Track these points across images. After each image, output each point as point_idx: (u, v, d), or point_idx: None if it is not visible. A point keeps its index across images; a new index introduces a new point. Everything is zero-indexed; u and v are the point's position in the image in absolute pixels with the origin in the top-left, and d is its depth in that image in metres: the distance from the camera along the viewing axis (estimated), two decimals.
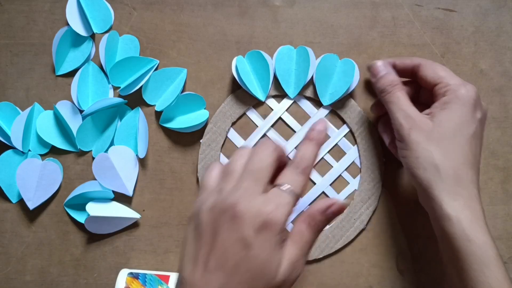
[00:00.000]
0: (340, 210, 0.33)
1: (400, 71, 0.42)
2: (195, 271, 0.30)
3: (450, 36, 0.46)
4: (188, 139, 0.46)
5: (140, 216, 0.45)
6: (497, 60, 0.46)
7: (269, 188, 0.32)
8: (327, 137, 0.37)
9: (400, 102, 0.39)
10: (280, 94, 0.45)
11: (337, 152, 0.46)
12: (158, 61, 0.45)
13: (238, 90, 0.45)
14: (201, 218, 0.32)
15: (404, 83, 0.42)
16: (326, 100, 0.44)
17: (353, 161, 0.45)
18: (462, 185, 0.36)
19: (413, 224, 0.45)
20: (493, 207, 0.45)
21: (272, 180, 0.33)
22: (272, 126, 0.46)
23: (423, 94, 0.42)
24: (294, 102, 0.45)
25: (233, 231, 0.30)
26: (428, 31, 0.46)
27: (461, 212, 0.35)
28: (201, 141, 0.45)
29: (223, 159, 0.45)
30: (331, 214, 0.33)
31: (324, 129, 0.36)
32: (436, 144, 0.37)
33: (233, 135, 0.45)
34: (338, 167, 0.45)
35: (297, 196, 0.32)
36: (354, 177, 0.45)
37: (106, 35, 0.45)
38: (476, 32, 0.46)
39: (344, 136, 0.45)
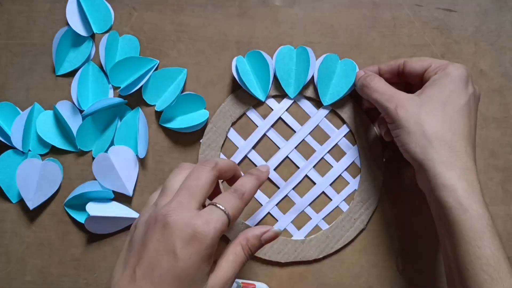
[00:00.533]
0: (274, 237, 0.35)
1: (387, 74, 0.42)
2: (123, 280, 0.31)
3: (450, 36, 0.46)
4: (188, 139, 0.46)
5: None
6: (497, 60, 0.46)
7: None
8: (266, 178, 0.39)
9: (380, 87, 0.39)
10: (280, 94, 0.45)
11: (337, 152, 0.46)
12: (158, 61, 0.45)
13: (238, 90, 0.45)
14: (136, 230, 0.33)
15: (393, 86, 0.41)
16: (326, 100, 0.44)
17: (353, 161, 0.45)
18: (456, 155, 0.35)
19: (413, 224, 0.45)
20: (493, 207, 0.45)
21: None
22: (272, 126, 0.46)
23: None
24: (294, 102, 0.45)
25: (163, 241, 0.31)
26: (428, 31, 0.46)
27: (456, 182, 0.34)
28: (201, 141, 0.45)
29: None
30: (265, 240, 0.35)
31: (267, 171, 0.39)
32: (426, 117, 0.36)
33: (233, 135, 0.46)
34: (338, 167, 0.45)
35: (230, 218, 0.33)
36: (354, 177, 0.45)
37: (106, 35, 0.45)
38: (476, 32, 0.46)
39: (344, 136, 0.45)
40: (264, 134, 0.46)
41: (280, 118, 0.45)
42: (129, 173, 0.45)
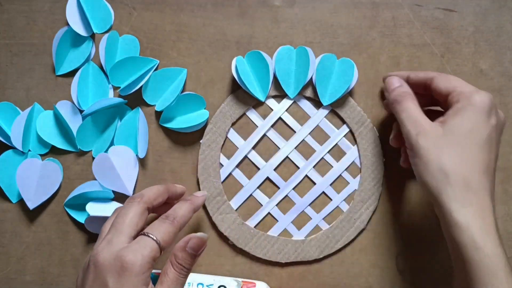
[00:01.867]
0: (199, 243, 0.35)
1: (414, 85, 0.41)
2: None
3: (450, 36, 0.46)
4: (188, 139, 0.46)
5: None
6: (497, 60, 0.46)
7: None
8: (202, 203, 0.40)
9: (409, 110, 0.38)
10: (280, 94, 0.45)
11: (337, 152, 0.46)
12: (158, 61, 0.45)
13: (238, 90, 0.45)
14: (77, 279, 0.35)
15: (419, 97, 0.40)
16: (326, 100, 0.44)
17: (353, 161, 0.45)
18: (472, 192, 0.35)
19: (413, 224, 0.45)
20: None
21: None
22: (272, 126, 0.46)
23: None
24: (294, 102, 0.45)
25: (96, 279, 0.32)
26: (428, 31, 0.46)
27: (471, 219, 0.34)
28: (201, 141, 0.45)
29: (223, 160, 0.45)
30: (191, 249, 0.34)
31: (203, 196, 0.41)
32: (446, 150, 0.35)
33: (233, 135, 0.46)
34: (338, 167, 0.45)
35: (160, 243, 0.34)
36: (354, 177, 0.45)
37: (106, 35, 0.45)
38: (476, 32, 0.46)
39: (344, 136, 0.45)
40: (264, 134, 0.46)
41: (280, 118, 0.45)
42: (129, 173, 0.45)
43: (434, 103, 0.42)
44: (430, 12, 0.46)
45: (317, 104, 0.45)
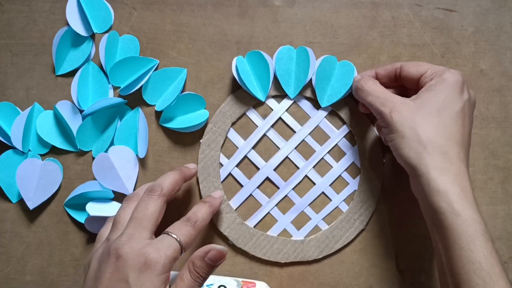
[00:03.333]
0: (218, 256, 0.34)
1: (384, 78, 0.42)
2: None
3: (450, 36, 0.46)
4: (188, 139, 0.46)
5: None
6: (497, 60, 0.46)
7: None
8: (219, 205, 0.41)
9: (374, 90, 0.39)
10: (280, 94, 0.45)
11: (337, 152, 0.46)
12: (158, 61, 0.45)
13: (238, 90, 0.45)
14: (90, 267, 0.34)
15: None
16: (324, 102, 0.44)
17: (353, 162, 0.45)
18: (449, 160, 0.35)
19: (413, 224, 0.45)
20: (493, 207, 0.45)
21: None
22: (272, 126, 0.46)
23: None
24: (294, 102, 0.45)
25: (116, 273, 0.32)
26: (428, 31, 0.46)
27: (449, 186, 0.34)
28: (201, 141, 0.45)
29: (223, 159, 0.45)
30: (210, 260, 0.34)
31: (220, 197, 0.41)
32: (421, 122, 0.36)
33: (233, 135, 0.46)
34: (338, 168, 0.45)
35: (182, 245, 0.34)
36: (354, 177, 0.45)
37: (106, 35, 0.45)
38: (476, 32, 0.46)
39: (344, 136, 0.45)
40: (264, 134, 0.46)
41: (280, 118, 0.45)
42: (129, 173, 0.45)
43: (404, 95, 0.42)
44: (430, 12, 0.46)
45: (317, 104, 0.45)
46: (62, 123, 0.45)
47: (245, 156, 0.45)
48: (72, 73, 0.46)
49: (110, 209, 0.44)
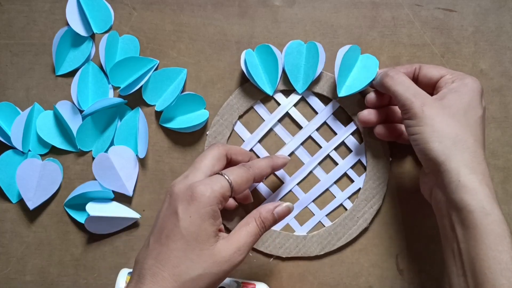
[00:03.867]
0: (286, 212, 0.37)
1: None
2: (141, 252, 0.35)
3: (450, 36, 0.46)
4: (188, 139, 0.46)
5: (140, 216, 0.45)
6: (497, 60, 0.46)
7: None
8: (281, 165, 0.42)
9: (406, 82, 0.39)
10: (288, 89, 0.45)
11: (343, 149, 0.46)
12: (158, 61, 0.45)
13: (246, 84, 0.45)
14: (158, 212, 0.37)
15: None
16: (341, 91, 0.43)
17: (359, 159, 0.45)
18: (477, 160, 0.35)
19: (415, 224, 0.45)
20: None
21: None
22: (279, 121, 0.45)
23: None
24: (302, 97, 0.45)
25: (169, 207, 0.35)
26: (428, 31, 0.46)
27: (478, 185, 0.34)
28: (207, 133, 0.45)
29: None
30: (278, 214, 0.37)
31: (284, 158, 0.42)
32: (450, 120, 0.36)
33: (240, 128, 0.45)
34: (343, 165, 0.45)
35: (232, 184, 0.36)
36: (359, 175, 0.45)
37: (106, 35, 0.45)
38: (476, 32, 0.46)
39: (351, 133, 0.45)
40: (271, 129, 0.45)
41: (287, 113, 0.45)
42: (129, 173, 0.45)
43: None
44: (430, 12, 0.46)
45: (325, 100, 0.45)
46: (62, 123, 0.45)
47: (251, 150, 0.45)
48: (72, 73, 0.46)
49: (110, 209, 0.44)
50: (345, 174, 0.45)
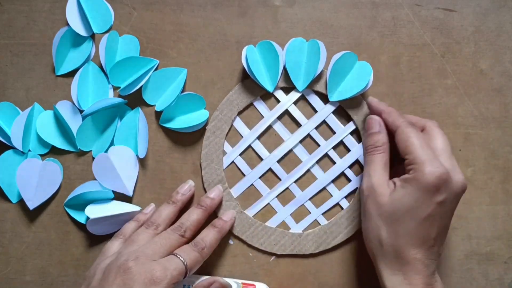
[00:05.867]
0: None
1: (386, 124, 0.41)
2: None
3: (450, 36, 0.46)
4: (188, 139, 0.46)
5: (140, 208, 0.45)
6: (497, 60, 0.46)
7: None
8: (229, 227, 0.44)
9: (373, 166, 0.40)
10: (289, 86, 0.45)
11: (341, 148, 0.46)
12: (158, 61, 0.45)
13: (246, 80, 0.45)
14: (94, 277, 0.37)
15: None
16: (333, 96, 0.44)
17: (357, 159, 0.45)
18: (402, 262, 0.37)
19: None
20: (493, 207, 0.45)
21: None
22: (278, 118, 0.45)
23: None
24: (302, 95, 0.45)
25: (122, 285, 0.34)
26: (428, 31, 0.46)
27: (398, 286, 0.37)
28: (206, 127, 0.45)
29: (227, 147, 0.45)
30: None
31: (231, 220, 0.44)
32: (384, 221, 0.38)
33: (239, 124, 0.45)
34: (341, 164, 0.45)
35: (188, 268, 0.37)
36: (356, 175, 0.45)
37: (106, 35, 0.45)
38: (476, 32, 0.46)
39: (350, 133, 0.45)
40: (270, 125, 0.45)
41: (286, 110, 0.45)
42: (129, 173, 0.45)
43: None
44: (430, 12, 0.46)
45: (325, 98, 0.45)
46: (62, 123, 0.45)
47: (249, 146, 0.45)
48: (72, 73, 0.46)
49: (110, 209, 0.44)
50: (343, 173, 0.46)
